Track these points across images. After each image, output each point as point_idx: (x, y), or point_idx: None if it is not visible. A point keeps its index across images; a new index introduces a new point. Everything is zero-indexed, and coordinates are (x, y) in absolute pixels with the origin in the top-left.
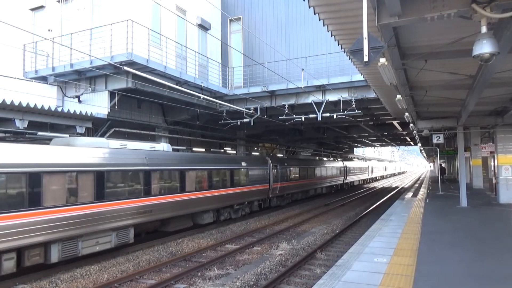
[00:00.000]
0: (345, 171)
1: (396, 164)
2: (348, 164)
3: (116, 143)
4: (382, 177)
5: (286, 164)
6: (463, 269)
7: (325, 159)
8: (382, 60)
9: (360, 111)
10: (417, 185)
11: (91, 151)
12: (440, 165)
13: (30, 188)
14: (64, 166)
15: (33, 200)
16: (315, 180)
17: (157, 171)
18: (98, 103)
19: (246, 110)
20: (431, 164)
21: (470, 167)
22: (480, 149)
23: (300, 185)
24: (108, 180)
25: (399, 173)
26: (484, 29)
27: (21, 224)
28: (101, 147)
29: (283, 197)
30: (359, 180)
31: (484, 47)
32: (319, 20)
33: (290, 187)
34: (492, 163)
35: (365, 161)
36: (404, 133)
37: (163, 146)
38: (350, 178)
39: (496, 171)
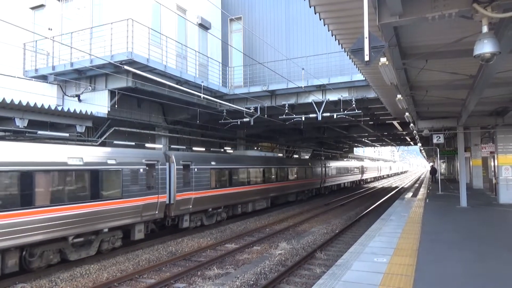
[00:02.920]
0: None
1: (394, 164)
2: (331, 164)
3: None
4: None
5: (330, 164)
6: (463, 269)
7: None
8: (383, 60)
9: (360, 111)
10: (417, 185)
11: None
12: (432, 165)
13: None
14: None
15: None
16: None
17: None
18: (98, 102)
19: (246, 110)
20: (431, 164)
21: (470, 167)
22: (480, 149)
23: (338, 178)
24: (234, 174)
25: (395, 174)
26: (485, 29)
27: None
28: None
29: (327, 187)
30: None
31: (485, 47)
32: (320, 20)
33: (333, 180)
34: (492, 163)
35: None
36: (404, 133)
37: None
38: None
39: (496, 171)
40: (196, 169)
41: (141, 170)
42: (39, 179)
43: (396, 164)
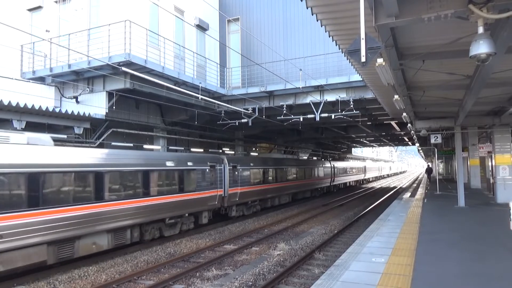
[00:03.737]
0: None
1: (393, 165)
2: (339, 164)
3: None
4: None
5: (338, 165)
6: (461, 269)
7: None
8: (380, 61)
9: (358, 111)
10: (415, 185)
11: None
12: (428, 165)
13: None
14: None
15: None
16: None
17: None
18: (96, 104)
19: (244, 111)
20: (429, 164)
21: (468, 167)
22: (478, 149)
23: (345, 178)
24: (266, 173)
25: (394, 174)
26: (480, 30)
27: None
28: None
29: (336, 186)
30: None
31: (481, 48)
32: (317, 21)
33: (341, 179)
34: (490, 163)
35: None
36: (402, 133)
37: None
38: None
39: (493, 171)
40: (241, 169)
41: (207, 170)
42: (158, 176)
43: (395, 164)
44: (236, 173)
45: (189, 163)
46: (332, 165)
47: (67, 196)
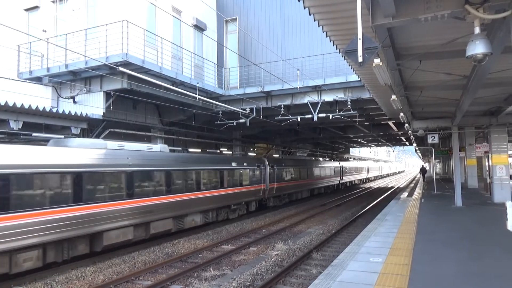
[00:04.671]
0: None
1: (392, 164)
2: (346, 164)
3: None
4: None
5: (345, 165)
6: (458, 268)
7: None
8: (377, 61)
9: (356, 112)
10: (412, 184)
11: None
12: (422, 165)
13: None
14: None
15: None
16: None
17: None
18: (93, 104)
19: (242, 111)
20: (427, 164)
21: (465, 167)
22: (475, 149)
23: (352, 176)
24: (293, 172)
25: (393, 174)
26: (477, 30)
27: None
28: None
29: (344, 184)
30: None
31: (477, 48)
32: (314, 21)
33: (349, 177)
34: (487, 163)
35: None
36: (400, 133)
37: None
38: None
39: (490, 170)
40: (276, 169)
41: (255, 169)
42: (228, 174)
43: (394, 164)
44: (273, 171)
45: (245, 164)
46: (341, 165)
47: (183, 186)
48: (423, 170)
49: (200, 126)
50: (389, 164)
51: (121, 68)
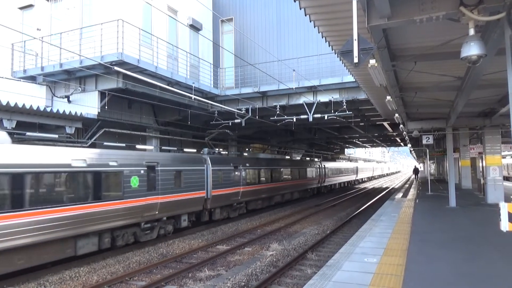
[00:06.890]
0: (357, 171)
1: (390, 165)
2: (361, 165)
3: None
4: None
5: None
6: (452, 269)
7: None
8: (372, 62)
9: (351, 112)
10: (407, 185)
11: None
12: (415, 166)
13: None
14: None
15: None
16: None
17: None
18: (88, 103)
19: (238, 111)
20: (421, 164)
21: (459, 168)
22: (469, 150)
23: (363, 174)
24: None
25: (388, 174)
26: (471, 32)
27: None
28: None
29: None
30: (363, 178)
31: (472, 49)
32: (310, 22)
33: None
34: (481, 164)
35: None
36: (395, 134)
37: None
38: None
39: (484, 171)
40: (325, 168)
41: (317, 169)
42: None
43: (387, 165)
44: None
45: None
46: (356, 166)
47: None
48: (416, 171)
49: (195, 126)
50: (384, 165)
51: (116, 68)
